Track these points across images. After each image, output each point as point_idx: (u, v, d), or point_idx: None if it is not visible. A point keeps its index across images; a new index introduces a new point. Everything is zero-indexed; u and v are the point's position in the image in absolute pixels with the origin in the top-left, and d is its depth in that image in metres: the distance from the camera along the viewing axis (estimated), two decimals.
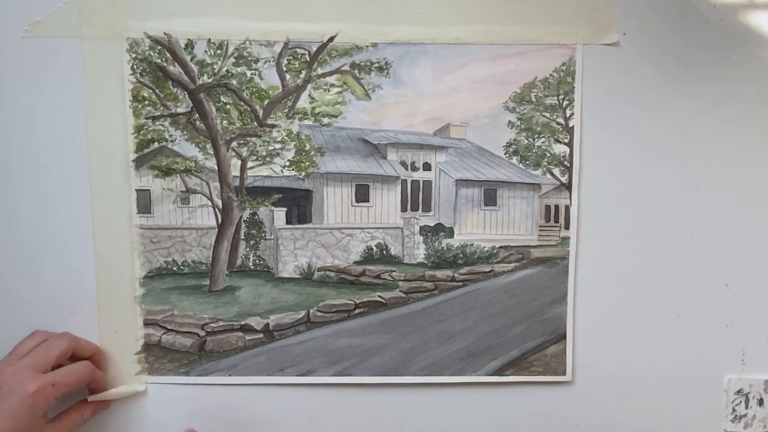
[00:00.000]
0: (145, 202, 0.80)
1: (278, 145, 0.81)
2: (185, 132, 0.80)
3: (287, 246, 0.83)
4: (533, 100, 0.80)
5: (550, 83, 0.80)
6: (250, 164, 0.81)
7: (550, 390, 0.85)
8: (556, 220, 0.83)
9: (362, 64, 0.79)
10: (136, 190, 0.80)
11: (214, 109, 0.79)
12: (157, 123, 0.79)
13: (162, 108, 0.79)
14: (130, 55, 0.78)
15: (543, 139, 0.81)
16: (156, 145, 0.80)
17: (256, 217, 0.83)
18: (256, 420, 0.84)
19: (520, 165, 0.82)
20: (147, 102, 0.79)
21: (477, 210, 0.84)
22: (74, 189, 0.79)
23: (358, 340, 0.83)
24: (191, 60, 0.78)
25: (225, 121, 0.80)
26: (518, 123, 0.81)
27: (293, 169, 0.81)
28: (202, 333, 0.82)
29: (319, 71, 0.79)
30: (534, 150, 0.82)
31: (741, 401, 0.85)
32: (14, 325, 0.80)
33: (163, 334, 0.82)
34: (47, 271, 0.80)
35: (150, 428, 0.83)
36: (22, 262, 0.80)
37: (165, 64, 0.78)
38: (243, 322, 0.82)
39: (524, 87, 0.80)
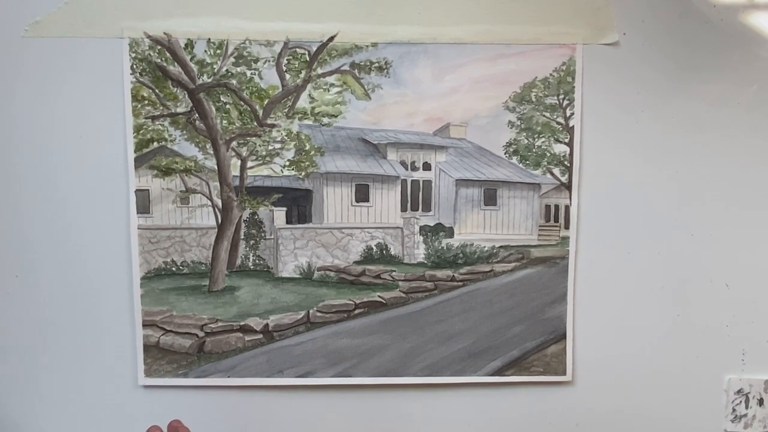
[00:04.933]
0: (144, 202, 0.80)
1: (278, 145, 0.81)
2: (185, 132, 0.80)
3: (287, 246, 0.83)
4: (533, 99, 0.81)
5: (550, 83, 0.80)
6: (250, 164, 0.80)
7: (550, 390, 0.85)
8: (556, 220, 0.83)
9: (362, 63, 0.79)
10: (135, 190, 0.80)
11: (213, 109, 0.79)
12: (157, 123, 0.79)
13: (161, 108, 0.79)
14: (130, 55, 0.77)
15: (543, 139, 0.81)
16: (155, 144, 0.79)
17: (256, 217, 0.82)
18: (255, 422, 0.83)
19: (520, 165, 0.82)
20: (146, 102, 0.79)
21: (477, 210, 0.84)
22: (73, 188, 0.79)
23: (358, 340, 0.83)
24: (191, 60, 0.78)
25: (225, 121, 0.79)
26: (518, 123, 0.81)
27: (293, 169, 0.81)
28: (201, 334, 0.82)
29: (319, 71, 0.79)
30: (534, 150, 0.82)
31: (741, 401, 0.85)
32: (16, 321, 0.81)
33: (162, 335, 0.81)
34: (47, 270, 0.80)
35: None
36: (21, 260, 0.80)
37: (165, 64, 0.78)
38: (242, 323, 0.82)
39: (524, 87, 0.80)
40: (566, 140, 0.81)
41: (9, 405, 0.82)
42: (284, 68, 0.79)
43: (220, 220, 0.81)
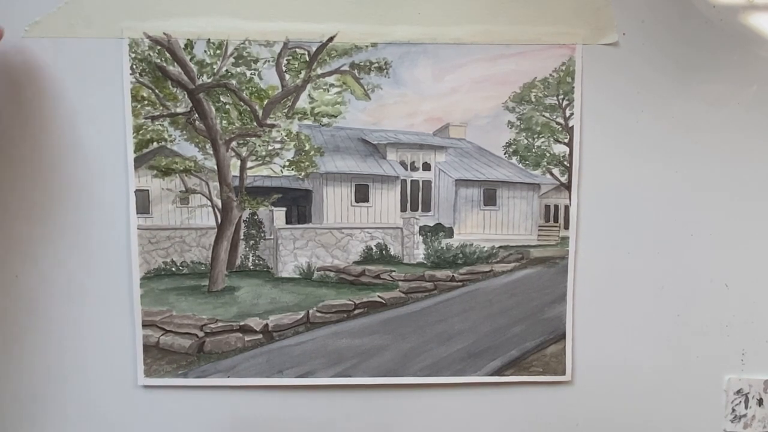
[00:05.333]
0: (143, 203, 0.80)
1: (278, 145, 0.81)
2: (184, 132, 0.80)
3: (287, 246, 0.83)
4: (533, 100, 0.80)
5: (549, 83, 0.80)
6: (249, 164, 0.80)
7: (550, 390, 0.85)
8: (556, 220, 0.83)
9: (362, 64, 0.79)
10: (135, 191, 0.80)
11: (213, 109, 0.79)
12: (157, 123, 0.79)
13: (161, 108, 0.79)
14: (130, 56, 0.77)
15: (543, 139, 0.81)
16: (155, 145, 0.79)
17: (256, 217, 0.82)
18: (255, 422, 0.83)
19: (520, 165, 0.82)
20: (146, 102, 0.79)
21: (476, 210, 0.84)
22: (73, 188, 0.79)
23: (358, 340, 0.83)
24: (191, 60, 0.78)
25: (224, 121, 0.79)
26: (518, 123, 0.81)
27: (293, 169, 0.81)
28: (201, 334, 0.82)
29: (319, 71, 0.79)
30: (534, 150, 0.82)
31: (741, 401, 0.85)
32: (16, 321, 0.81)
33: (162, 335, 0.81)
34: (47, 270, 0.80)
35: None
36: (21, 260, 0.80)
37: (164, 64, 0.78)
38: (242, 323, 0.82)
39: (524, 87, 0.80)
40: (566, 140, 0.81)
41: (9, 405, 0.82)
42: (284, 68, 0.79)
43: (219, 221, 0.81)
